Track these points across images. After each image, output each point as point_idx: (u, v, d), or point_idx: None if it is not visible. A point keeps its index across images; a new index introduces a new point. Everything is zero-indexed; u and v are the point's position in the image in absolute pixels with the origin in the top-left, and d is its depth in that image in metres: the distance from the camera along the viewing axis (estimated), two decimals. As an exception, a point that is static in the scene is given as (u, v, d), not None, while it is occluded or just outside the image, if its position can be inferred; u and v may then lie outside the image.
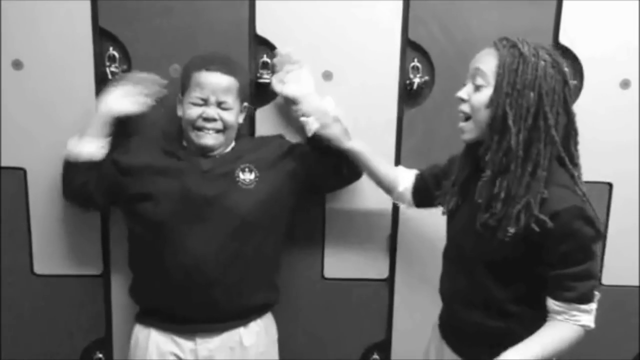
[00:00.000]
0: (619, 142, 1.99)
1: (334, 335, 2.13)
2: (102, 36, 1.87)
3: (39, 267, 2.01)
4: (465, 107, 1.47)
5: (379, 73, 1.93)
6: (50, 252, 2.00)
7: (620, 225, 2.06)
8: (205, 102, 1.71)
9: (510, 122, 1.37)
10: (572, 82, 1.44)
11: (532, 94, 1.36)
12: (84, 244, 2.01)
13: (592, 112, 1.95)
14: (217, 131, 1.73)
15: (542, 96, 1.37)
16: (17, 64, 1.85)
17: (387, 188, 1.83)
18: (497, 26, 1.89)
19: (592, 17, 1.91)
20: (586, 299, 1.43)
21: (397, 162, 1.97)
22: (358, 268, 2.08)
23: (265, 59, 1.90)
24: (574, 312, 1.43)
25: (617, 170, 2.02)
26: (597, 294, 1.46)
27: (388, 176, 1.82)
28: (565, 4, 1.90)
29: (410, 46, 1.92)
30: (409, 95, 1.95)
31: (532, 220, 1.38)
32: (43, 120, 1.90)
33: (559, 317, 1.44)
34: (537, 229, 1.37)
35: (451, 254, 1.66)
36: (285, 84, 1.83)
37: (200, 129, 1.72)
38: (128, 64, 1.89)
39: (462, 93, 1.48)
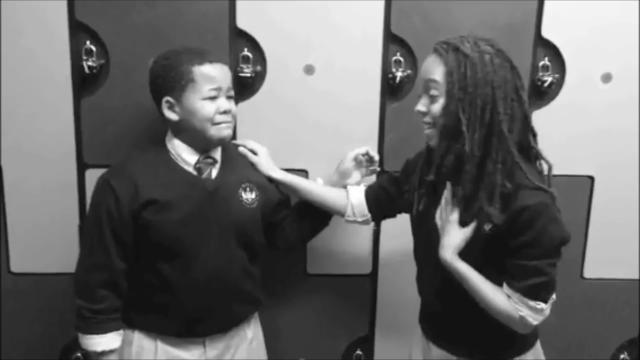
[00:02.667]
0: (600, 136, 1.99)
1: (317, 331, 2.12)
2: (78, 29, 1.83)
3: (15, 266, 1.98)
4: (427, 119, 1.48)
5: (361, 67, 1.91)
6: (26, 250, 1.97)
7: (602, 218, 2.07)
8: (218, 94, 1.62)
9: (463, 127, 1.38)
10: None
11: (485, 91, 1.36)
12: (61, 242, 1.97)
13: (574, 105, 1.96)
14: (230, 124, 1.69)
15: (494, 90, 1.37)
16: (-8, 58, 1.81)
17: (337, 206, 1.81)
18: (480, 19, 1.88)
19: (574, 10, 1.90)
20: (533, 294, 1.43)
21: (380, 156, 1.96)
22: (341, 263, 2.06)
23: (245, 52, 1.87)
24: (519, 302, 1.43)
25: (598, 163, 2.02)
26: (550, 297, 1.46)
27: (336, 193, 1.82)
28: (548, -4, 1.90)
29: (392, 40, 1.91)
30: (391, 89, 1.94)
31: (484, 217, 1.42)
32: (19, 116, 1.86)
33: (503, 298, 1.46)
34: (497, 221, 1.41)
35: (421, 254, 1.67)
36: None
37: (219, 123, 1.64)
38: (106, 57, 1.85)
39: (420, 106, 1.48)
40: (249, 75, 1.86)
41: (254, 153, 1.83)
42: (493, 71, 1.36)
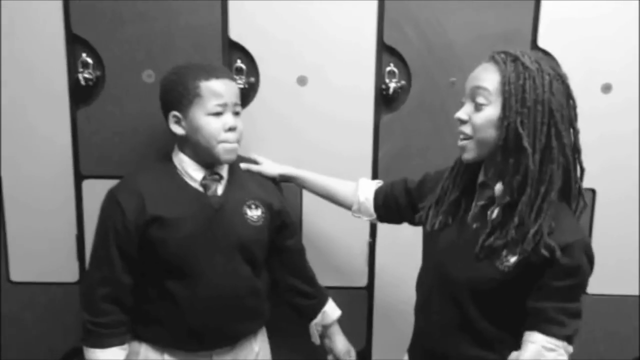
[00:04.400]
0: (601, 148, 1.94)
1: (314, 344, 2.10)
2: (75, 42, 1.86)
3: (15, 275, 2.01)
4: (466, 129, 1.37)
5: (354, 78, 1.90)
6: (26, 259, 1.99)
7: (604, 232, 2.02)
8: (224, 110, 1.61)
9: (525, 143, 1.28)
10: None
11: (543, 111, 1.28)
12: (59, 252, 1.99)
13: (573, 116, 1.92)
14: (237, 141, 1.67)
15: (552, 112, 1.28)
16: (-9, 70, 1.86)
17: (347, 201, 1.78)
18: (474, 29, 1.87)
19: (572, 18, 1.87)
20: (572, 340, 1.35)
21: (375, 168, 1.95)
22: (337, 276, 2.05)
23: (238, 64, 1.88)
24: (562, 352, 1.34)
25: (600, 176, 1.97)
26: None
27: (346, 187, 1.79)
28: (543, 5, 1.86)
29: (386, 51, 1.90)
30: (385, 100, 1.92)
31: (540, 246, 1.30)
32: (17, 126, 1.90)
33: (547, 355, 1.33)
34: (546, 254, 1.29)
35: (429, 276, 1.55)
36: None
37: (224, 141, 1.62)
38: (102, 69, 1.88)
39: (461, 114, 1.38)
40: (242, 86, 1.86)
41: (256, 163, 1.84)
42: (550, 92, 1.29)
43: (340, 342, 1.93)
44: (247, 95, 1.89)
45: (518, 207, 1.32)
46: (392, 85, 1.89)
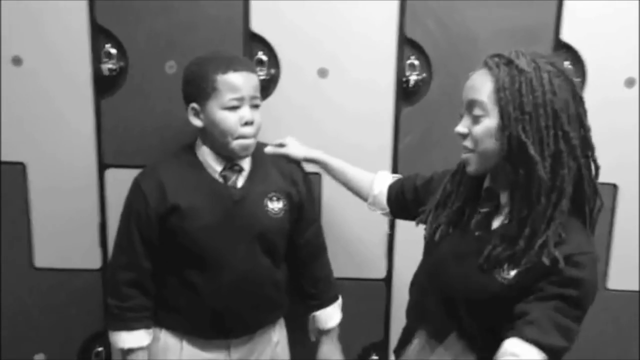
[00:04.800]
0: (624, 143, 1.92)
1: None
2: (99, 33, 1.89)
3: (39, 261, 2.04)
4: (467, 143, 1.29)
5: (375, 70, 1.90)
6: (49, 246, 2.03)
7: (626, 227, 2.00)
8: (241, 104, 1.60)
9: (531, 151, 1.18)
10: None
11: (546, 114, 1.18)
12: (82, 239, 2.02)
13: (596, 111, 1.88)
14: (254, 135, 1.66)
15: (557, 113, 1.18)
16: (17, 61, 1.88)
17: (363, 192, 1.77)
18: (496, 22, 1.85)
19: (595, 12, 1.85)
20: (550, 355, 1.20)
21: (394, 160, 1.95)
22: (355, 267, 2.06)
23: (260, 55, 1.89)
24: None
25: (622, 171, 1.95)
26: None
27: (365, 178, 1.77)
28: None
29: (407, 43, 1.89)
30: (405, 93, 1.92)
31: (544, 255, 1.21)
32: (42, 115, 1.93)
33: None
34: (547, 262, 1.19)
35: (425, 279, 1.48)
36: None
37: (241, 136, 1.61)
38: (125, 60, 1.90)
39: (461, 127, 1.29)
40: (263, 78, 1.87)
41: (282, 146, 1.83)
42: (552, 92, 1.18)
43: (323, 352, 1.92)
44: (267, 86, 1.90)
45: (530, 216, 1.22)
46: (413, 78, 1.89)
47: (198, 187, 1.67)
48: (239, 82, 1.59)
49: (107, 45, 1.89)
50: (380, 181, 1.74)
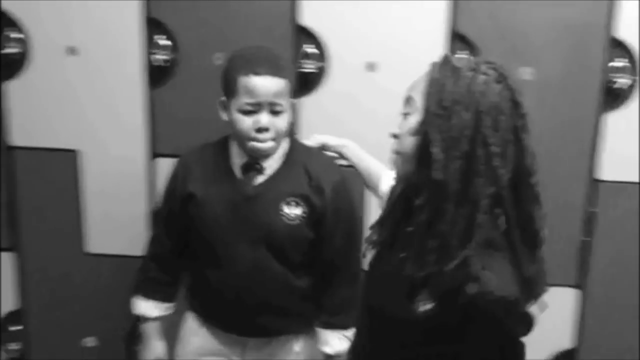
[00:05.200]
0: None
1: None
2: (151, 25, 1.93)
3: (91, 247, 2.11)
4: (395, 144, 1.17)
5: (422, 64, 1.88)
6: (101, 232, 2.09)
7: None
8: (257, 109, 1.53)
9: (433, 148, 1.05)
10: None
11: (466, 113, 1.04)
12: (133, 226, 2.08)
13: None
14: (272, 139, 1.57)
15: (480, 115, 1.04)
16: (72, 50, 1.94)
17: (371, 186, 1.70)
18: (547, 18, 1.84)
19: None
20: None
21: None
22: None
23: (308, 49, 1.91)
24: None
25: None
26: None
27: (374, 171, 1.68)
28: (621, -5, 1.82)
29: (457, 38, 1.89)
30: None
31: (459, 291, 1.02)
32: (95, 104, 1.99)
33: None
34: (464, 300, 1.02)
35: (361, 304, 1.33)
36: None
37: (254, 139, 1.55)
38: (176, 52, 1.93)
39: (395, 128, 1.17)
40: (310, 70, 1.89)
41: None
42: (481, 93, 1.04)
43: None
44: (316, 79, 1.91)
45: (437, 227, 1.06)
46: (462, 72, 1.88)
47: (216, 178, 1.66)
48: (258, 87, 1.51)
49: (159, 37, 1.93)
50: (387, 180, 1.56)
